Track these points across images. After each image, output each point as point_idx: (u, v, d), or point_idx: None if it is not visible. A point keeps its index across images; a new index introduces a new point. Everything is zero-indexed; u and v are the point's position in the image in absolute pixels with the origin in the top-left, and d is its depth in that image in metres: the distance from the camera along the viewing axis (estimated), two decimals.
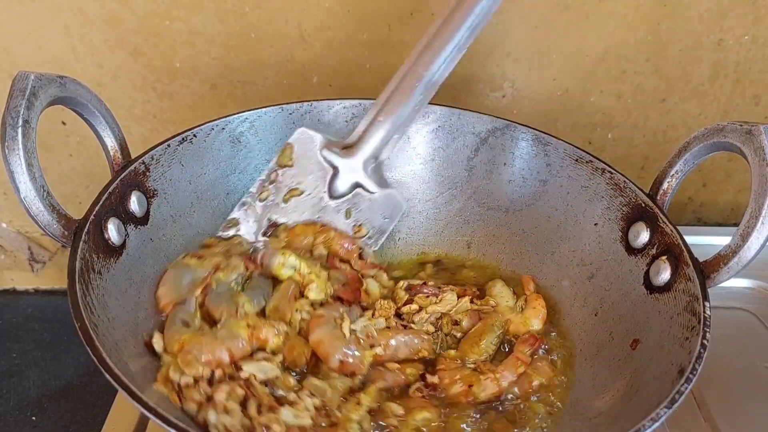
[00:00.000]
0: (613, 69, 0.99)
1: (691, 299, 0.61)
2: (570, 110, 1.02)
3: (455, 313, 0.73)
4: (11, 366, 0.99)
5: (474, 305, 0.74)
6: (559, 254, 0.79)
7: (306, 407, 0.59)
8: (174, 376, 0.59)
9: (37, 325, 1.07)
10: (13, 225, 1.10)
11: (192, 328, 0.64)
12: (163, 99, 0.99)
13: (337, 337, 0.66)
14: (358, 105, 0.85)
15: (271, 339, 0.64)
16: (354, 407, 0.61)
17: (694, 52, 0.97)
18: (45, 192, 0.58)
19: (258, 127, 0.81)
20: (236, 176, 0.81)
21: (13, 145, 0.55)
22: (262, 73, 0.97)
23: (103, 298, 0.58)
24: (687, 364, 0.56)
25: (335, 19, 0.93)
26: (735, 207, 1.13)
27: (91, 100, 0.65)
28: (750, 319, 0.87)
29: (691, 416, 0.74)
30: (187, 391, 0.58)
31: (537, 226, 0.82)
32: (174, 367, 0.60)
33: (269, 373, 0.61)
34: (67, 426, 0.91)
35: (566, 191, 0.79)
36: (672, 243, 0.66)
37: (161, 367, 0.61)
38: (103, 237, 0.62)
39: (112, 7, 0.91)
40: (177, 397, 0.58)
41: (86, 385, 0.97)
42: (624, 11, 0.93)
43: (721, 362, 0.78)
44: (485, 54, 0.97)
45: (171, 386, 0.58)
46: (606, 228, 0.75)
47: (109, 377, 0.50)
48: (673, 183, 0.70)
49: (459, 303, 0.74)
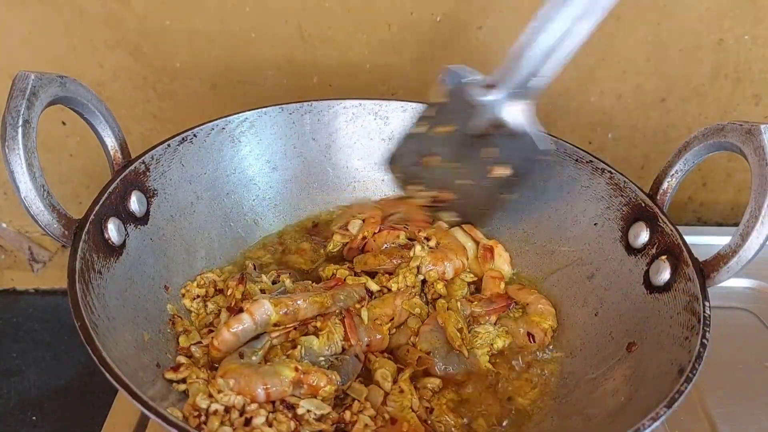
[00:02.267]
0: (613, 69, 0.99)
1: (691, 299, 0.61)
2: (570, 110, 1.02)
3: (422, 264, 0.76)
4: (11, 366, 0.99)
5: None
6: (559, 254, 0.79)
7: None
8: (201, 403, 0.57)
9: (37, 325, 1.07)
10: (13, 225, 1.10)
11: (245, 360, 0.62)
12: (163, 99, 0.99)
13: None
14: (358, 105, 0.85)
15: (324, 385, 0.61)
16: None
17: (694, 52, 0.97)
18: (45, 192, 0.58)
19: (258, 127, 0.81)
20: (236, 176, 0.81)
21: (13, 144, 0.55)
22: (262, 73, 0.97)
23: (103, 298, 0.58)
24: (687, 363, 0.56)
25: (335, 19, 0.93)
26: (735, 207, 1.13)
27: (91, 99, 0.65)
28: (750, 319, 0.87)
29: (691, 416, 0.74)
30: (212, 420, 0.56)
31: (537, 225, 0.82)
32: (203, 394, 0.58)
33: (323, 410, 0.60)
34: (67, 426, 0.91)
35: (566, 191, 0.79)
36: (672, 243, 0.66)
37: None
38: (103, 237, 0.62)
39: (112, 7, 0.91)
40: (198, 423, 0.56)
41: (86, 385, 0.97)
42: (624, 11, 0.93)
43: (721, 362, 0.78)
44: (485, 54, 0.97)
45: (196, 414, 0.57)
46: (606, 228, 0.75)
47: (110, 377, 0.50)
48: (673, 183, 0.70)
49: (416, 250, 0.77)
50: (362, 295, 0.72)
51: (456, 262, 0.77)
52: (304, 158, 0.86)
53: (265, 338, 0.65)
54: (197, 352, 0.65)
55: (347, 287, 0.72)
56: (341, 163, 0.87)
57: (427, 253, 0.77)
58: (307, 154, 0.86)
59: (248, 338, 0.64)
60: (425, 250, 0.77)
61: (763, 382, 0.79)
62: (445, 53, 0.97)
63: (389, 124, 0.87)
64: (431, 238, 0.79)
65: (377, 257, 0.76)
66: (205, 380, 0.61)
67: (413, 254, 0.76)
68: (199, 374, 0.61)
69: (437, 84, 0.76)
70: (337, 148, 0.87)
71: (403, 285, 0.73)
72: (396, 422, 0.61)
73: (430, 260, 0.76)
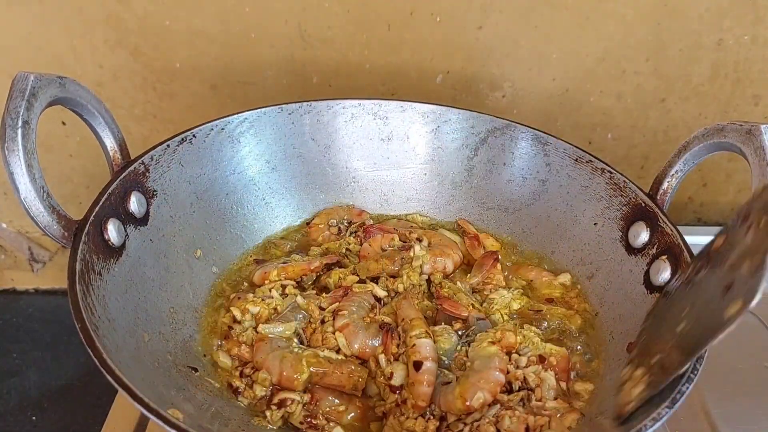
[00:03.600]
0: (613, 69, 0.99)
1: None
2: (570, 110, 1.02)
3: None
4: (11, 366, 0.99)
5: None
6: (559, 254, 0.79)
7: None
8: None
9: (37, 325, 1.07)
10: (13, 225, 1.10)
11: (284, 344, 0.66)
12: (163, 99, 0.99)
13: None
14: (358, 105, 0.85)
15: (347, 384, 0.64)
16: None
17: (694, 52, 0.97)
18: (45, 193, 0.58)
19: (257, 128, 0.81)
20: (236, 176, 0.81)
21: (12, 145, 0.55)
22: (262, 73, 0.97)
23: (103, 299, 0.58)
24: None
25: (335, 19, 0.93)
26: (735, 207, 1.13)
27: (90, 100, 0.65)
28: (750, 319, 0.87)
29: (691, 416, 0.74)
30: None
31: (537, 225, 0.82)
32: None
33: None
34: (67, 426, 0.91)
35: (566, 191, 0.79)
36: (672, 242, 0.66)
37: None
38: (103, 238, 0.62)
39: (112, 7, 0.91)
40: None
41: (86, 385, 0.97)
42: (624, 11, 0.93)
43: (722, 362, 0.78)
44: (485, 54, 0.97)
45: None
46: (606, 228, 0.75)
47: (110, 378, 0.50)
48: (673, 183, 0.70)
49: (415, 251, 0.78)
50: (372, 303, 0.72)
51: (454, 257, 0.78)
52: (304, 158, 0.86)
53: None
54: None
55: (355, 297, 0.71)
56: (341, 163, 0.87)
57: (426, 251, 0.77)
58: (306, 154, 0.85)
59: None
60: (424, 248, 0.77)
61: (763, 382, 0.79)
62: (445, 53, 0.97)
63: (388, 124, 0.87)
64: (423, 238, 0.80)
65: (379, 262, 0.76)
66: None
67: (413, 254, 0.76)
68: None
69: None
70: (337, 149, 0.87)
71: (409, 284, 0.74)
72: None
73: (431, 258, 0.76)
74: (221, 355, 0.67)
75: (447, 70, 0.99)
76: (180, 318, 0.69)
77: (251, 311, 0.70)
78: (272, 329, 0.67)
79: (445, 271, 0.77)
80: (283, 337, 0.67)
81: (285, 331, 0.67)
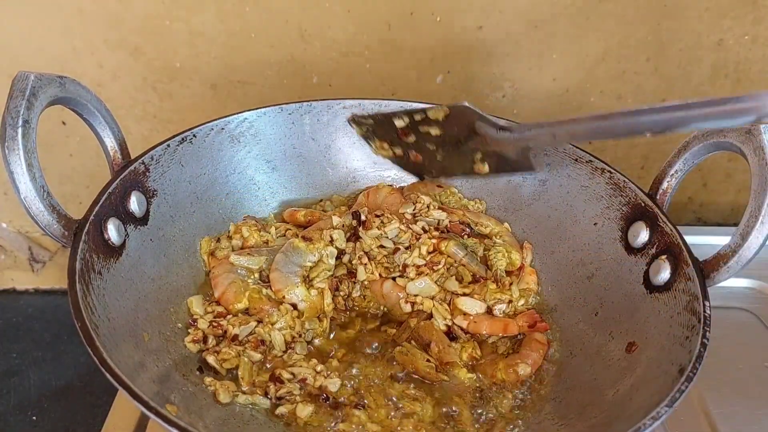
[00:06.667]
0: (613, 69, 0.99)
1: (691, 298, 0.61)
2: (570, 110, 1.02)
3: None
4: (11, 366, 0.99)
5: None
6: (558, 254, 0.79)
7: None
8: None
9: (37, 325, 1.07)
10: (13, 225, 1.11)
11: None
12: (163, 99, 0.99)
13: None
14: (358, 105, 0.85)
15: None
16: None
17: (694, 52, 0.97)
18: (45, 192, 0.58)
19: (258, 127, 0.81)
20: (236, 176, 0.81)
21: (13, 145, 0.55)
22: (262, 73, 0.97)
23: (103, 299, 0.58)
24: (687, 363, 0.56)
25: (335, 19, 0.93)
26: (735, 207, 1.13)
27: (90, 100, 0.65)
28: (750, 319, 0.87)
29: (691, 416, 0.74)
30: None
31: (537, 225, 0.82)
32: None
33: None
34: (67, 426, 0.91)
35: (566, 191, 0.79)
36: (672, 242, 0.66)
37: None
38: (103, 237, 0.62)
39: (112, 7, 0.91)
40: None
41: (86, 385, 0.97)
42: (624, 11, 0.93)
43: (721, 362, 0.78)
44: (485, 54, 0.97)
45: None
46: (606, 227, 0.75)
47: (110, 377, 0.50)
48: (672, 183, 0.70)
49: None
50: (348, 223, 0.77)
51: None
52: (304, 158, 0.86)
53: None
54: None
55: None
56: (341, 163, 0.87)
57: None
58: (306, 154, 0.86)
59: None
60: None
61: (763, 382, 0.79)
62: (445, 53, 0.97)
63: None
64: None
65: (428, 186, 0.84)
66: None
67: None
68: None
69: (445, 107, 0.76)
70: (337, 149, 0.87)
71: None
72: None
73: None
74: (194, 302, 0.70)
75: (447, 70, 0.99)
76: (180, 318, 0.69)
77: (243, 233, 0.76)
78: (238, 259, 0.73)
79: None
80: (245, 267, 0.72)
81: (250, 263, 0.73)
